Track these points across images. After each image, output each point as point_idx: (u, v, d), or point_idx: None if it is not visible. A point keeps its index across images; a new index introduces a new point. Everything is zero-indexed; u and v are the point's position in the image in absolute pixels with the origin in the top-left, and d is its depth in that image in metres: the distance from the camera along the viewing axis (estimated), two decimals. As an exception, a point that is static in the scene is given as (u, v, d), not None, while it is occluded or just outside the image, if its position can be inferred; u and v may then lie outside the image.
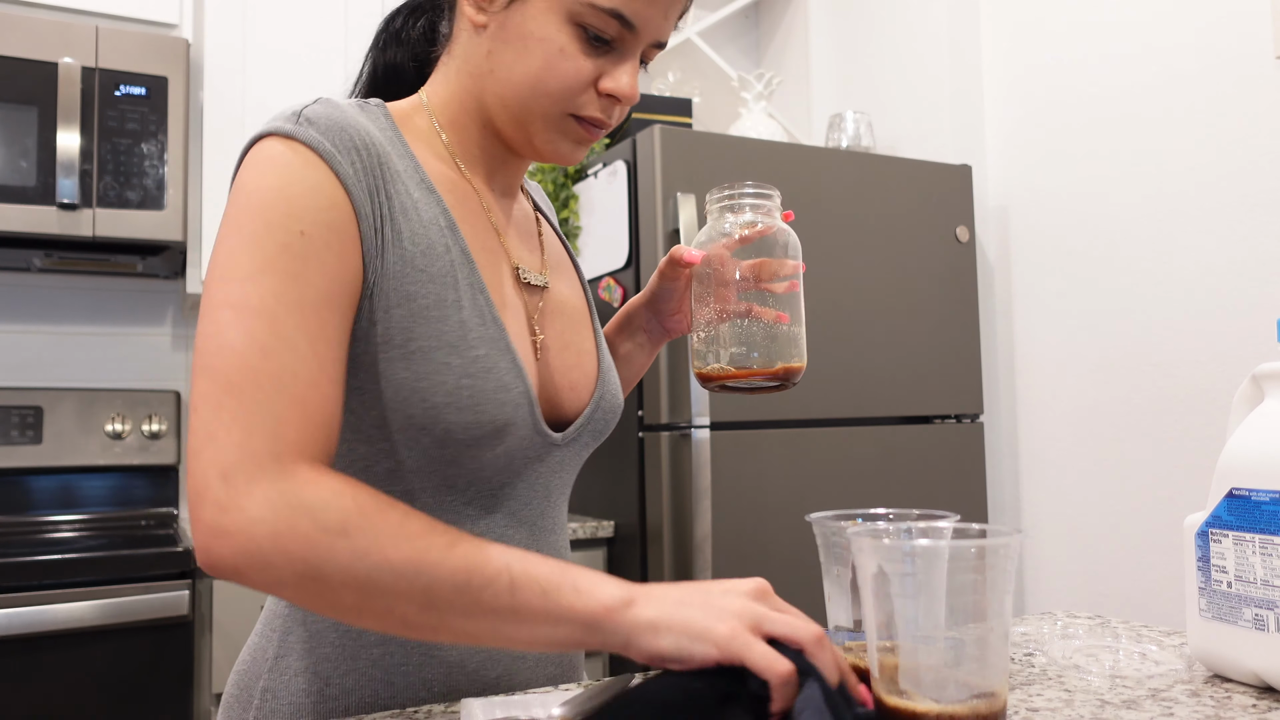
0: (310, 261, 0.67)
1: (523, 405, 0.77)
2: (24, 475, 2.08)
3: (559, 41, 0.75)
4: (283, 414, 0.63)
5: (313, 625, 0.76)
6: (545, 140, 0.79)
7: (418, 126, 0.83)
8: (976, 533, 0.64)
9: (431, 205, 0.77)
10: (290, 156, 0.69)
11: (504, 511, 0.80)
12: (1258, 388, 0.77)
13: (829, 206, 2.10)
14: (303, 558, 0.60)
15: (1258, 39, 1.89)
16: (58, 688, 1.58)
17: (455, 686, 0.77)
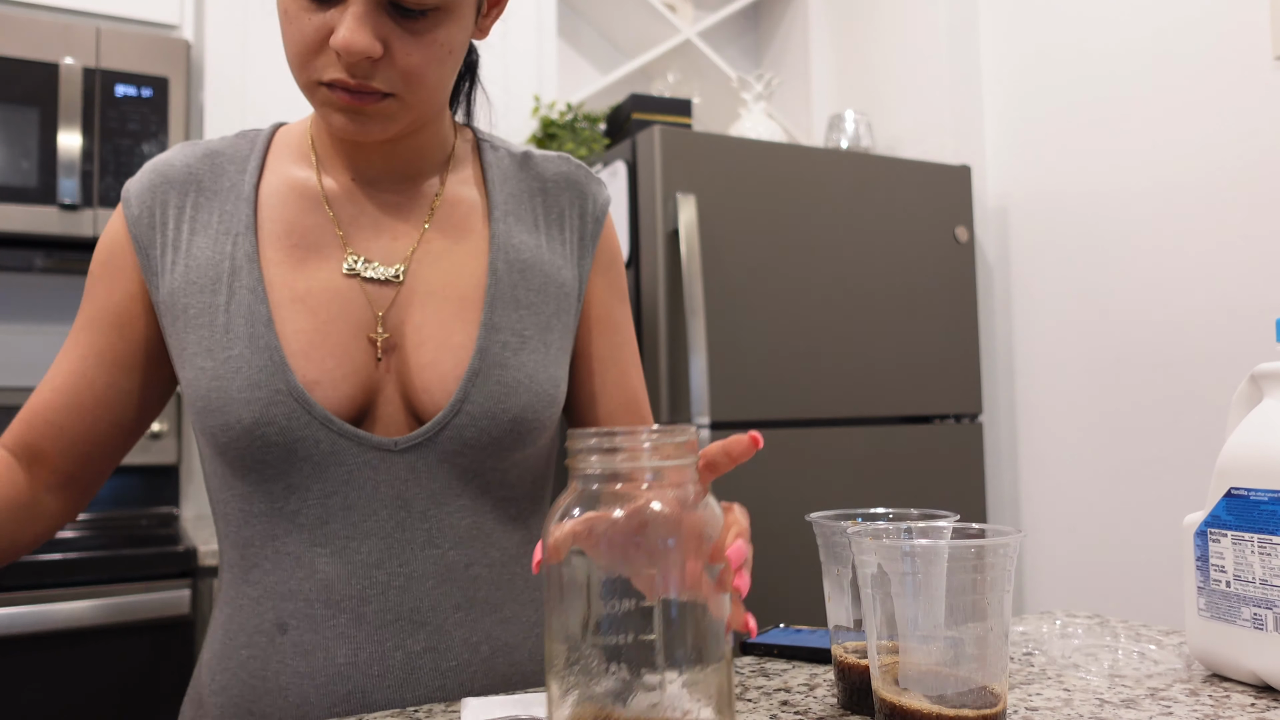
0: (86, 299, 0.83)
1: (283, 404, 0.75)
2: (25, 475, 2.08)
3: (284, 5, 0.74)
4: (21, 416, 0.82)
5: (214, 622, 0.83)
6: (321, 114, 0.76)
7: (294, 134, 0.86)
8: (976, 533, 0.64)
9: (234, 217, 0.80)
10: (117, 210, 0.84)
11: (340, 521, 0.77)
12: (1256, 388, 0.77)
13: (829, 207, 2.10)
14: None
15: (1257, 39, 1.89)
16: (58, 688, 1.58)
17: (308, 698, 0.76)
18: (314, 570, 0.77)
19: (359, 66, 0.72)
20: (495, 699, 0.71)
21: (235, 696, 0.77)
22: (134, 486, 2.17)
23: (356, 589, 0.77)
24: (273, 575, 0.77)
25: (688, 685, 0.50)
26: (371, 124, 0.76)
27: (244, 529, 0.79)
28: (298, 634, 0.76)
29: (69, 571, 1.59)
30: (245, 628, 0.78)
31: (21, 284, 2.20)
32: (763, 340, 2.00)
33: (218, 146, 0.84)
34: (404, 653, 0.77)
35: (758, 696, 0.75)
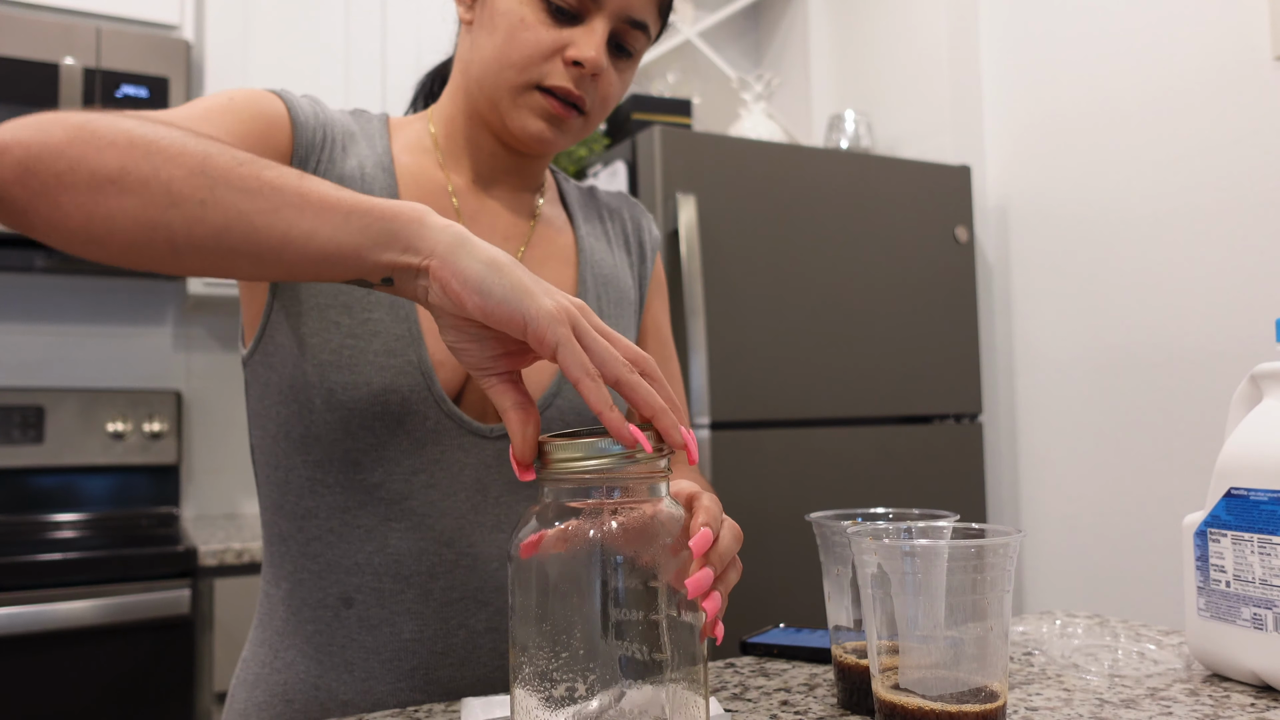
0: (227, 109, 0.72)
1: (411, 375, 0.76)
2: (25, 475, 2.08)
3: (520, 13, 0.78)
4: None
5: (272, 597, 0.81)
6: (514, 118, 0.80)
7: (410, 128, 0.88)
8: (976, 532, 0.64)
9: (380, 179, 0.81)
10: (257, 88, 0.77)
11: (421, 499, 0.78)
12: (1256, 388, 0.77)
13: (829, 207, 2.11)
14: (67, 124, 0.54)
15: (1257, 40, 1.89)
16: (58, 688, 1.58)
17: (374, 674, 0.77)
18: (385, 544, 0.77)
19: (585, 81, 0.80)
20: (495, 699, 0.71)
21: (302, 672, 0.77)
22: (134, 486, 2.17)
23: (426, 565, 0.78)
24: (337, 548, 0.77)
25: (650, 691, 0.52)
26: (562, 135, 0.82)
27: (307, 499, 0.78)
28: (364, 608, 0.77)
29: (69, 571, 1.59)
30: (309, 601, 0.78)
31: (21, 284, 2.20)
32: (763, 340, 2.00)
33: (336, 113, 0.83)
34: (467, 631, 0.79)
35: (758, 696, 0.75)
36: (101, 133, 0.54)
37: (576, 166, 2.23)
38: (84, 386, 2.19)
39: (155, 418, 2.20)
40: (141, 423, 2.18)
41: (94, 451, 2.13)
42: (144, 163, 0.53)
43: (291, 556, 0.79)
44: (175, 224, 0.54)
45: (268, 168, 0.55)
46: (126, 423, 2.17)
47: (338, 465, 0.77)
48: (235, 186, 0.54)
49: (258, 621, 0.82)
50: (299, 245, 0.54)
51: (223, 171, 0.54)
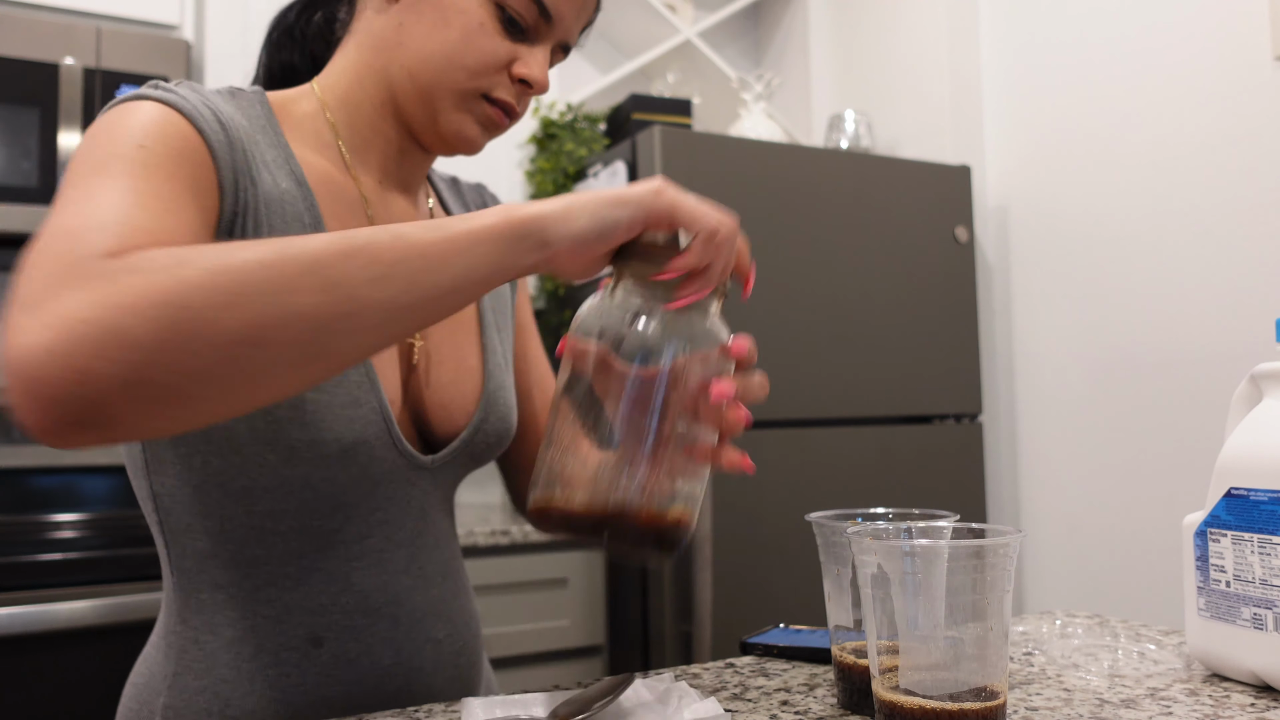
0: (151, 170, 0.59)
1: (375, 423, 0.73)
2: (24, 475, 2.08)
3: (479, 16, 0.73)
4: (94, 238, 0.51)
5: (207, 645, 0.74)
6: (451, 120, 0.76)
7: (300, 112, 0.78)
8: (976, 532, 0.64)
9: (298, 200, 0.72)
10: (149, 106, 0.64)
11: (379, 535, 0.77)
12: (1256, 388, 0.77)
13: (829, 207, 2.10)
14: (151, 302, 0.47)
15: (1257, 40, 1.89)
16: (57, 688, 1.58)
17: (355, 702, 0.76)
18: (349, 584, 0.76)
19: (523, 97, 0.78)
20: (495, 699, 0.71)
21: (271, 716, 0.74)
22: (134, 486, 2.18)
23: (390, 595, 0.78)
24: (296, 592, 0.74)
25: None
26: (490, 140, 0.79)
27: (253, 547, 0.73)
28: (337, 644, 0.76)
29: (69, 572, 1.59)
30: (267, 646, 0.74)
31: (21, 284, 2.20)
32: (763, 340, 1.99)
33: (228, 105, 0.71)
34: (431, 644, 0.81)
35: (758, 696, 0.75)
36: (194, 302, 0.48)
37: (576, 167, 2.23)
38: (84, 387, 2.19)
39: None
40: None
41: (94, 451, 2.13)
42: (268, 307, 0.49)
43: (236, 603, 0.74)
44: (330, 330, 0.52)
45: (370, 243, 0.53)
46: (126, 423, 2.17)
47: (292, 515, 0.73)
48: (365, 279, 0.52)
49: (176, 675, 0.74)
50: (450, 299, 0.55)
51: (344, 273, 0.51)
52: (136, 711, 0.76)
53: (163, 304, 0.47)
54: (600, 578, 2.02)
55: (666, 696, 0.71)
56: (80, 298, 0.47)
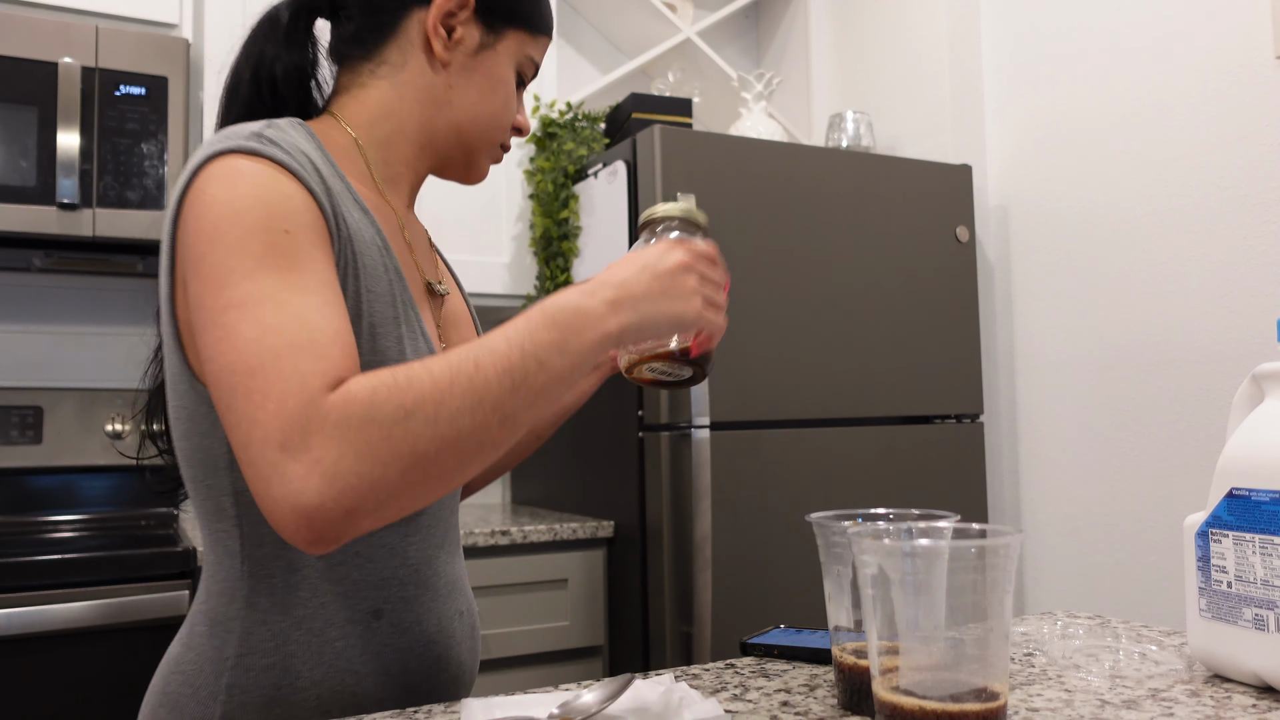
0: (300, 256, 0.70)
1: None
2: (24, 475, 2.08)
3: (511, 83, 0.90)
4: (310, 369, 0.64)
5: (276, 625, 0.79)
6: (482, 165, 0.92)
7: (337, 144, 0.85)
8: (976, 533, 0.64)
9: (368, 225, 0.80)
10: (259, 169, 0.71)
11: (426, 511, 0.87)
12: (1258, 388, 0.77)
13: (829, 206, 2.10)
14: (396, 454, 0.63)
15: (1258, 39, 1.89)
16: (58, 688, 1.57)
17: (408, 668, 0.84)
18: (406, 558, 0.84)
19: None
20: (495, 699, 0.71)
21: (336, 686, 0.80)
22: (134, 486, 2.17)
23: (432, 567, 0.87)
24: (364, 569, 0.82)
25: None
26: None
27: None
28: (394, 615, 0.83)
29: (68, 571, 1.59)
30: (335, 621, 0.80)
31: (20, 284, 2.20)
32: (762, 340, 1.99)
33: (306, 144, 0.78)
34: (458, 615, 0.90)
35: (758, 697, 0.75)
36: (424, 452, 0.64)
37: (576, 166, 2.23)
38: (83, 386, 2.19)
39: (154, 418, 2.19)
40: (141, 423, 2.18)
41: (93, 452, 2.13)
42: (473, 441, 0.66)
43: (309, 584, 0.80)
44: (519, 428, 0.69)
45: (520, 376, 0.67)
46: (125, 423, 2.16)
47: None
48: (525, 403, 0.68)
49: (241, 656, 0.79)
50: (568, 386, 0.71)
51: (514, 404, 0.67)
52: (191, 696, 0.79)
53: (406, 456, 0.63)
54: (600, 578, 2.02)
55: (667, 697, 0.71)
56: (337, 451, 0.61)
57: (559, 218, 2.23)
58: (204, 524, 0.82)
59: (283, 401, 0.62)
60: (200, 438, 0.80)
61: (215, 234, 0.68)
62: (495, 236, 2.32)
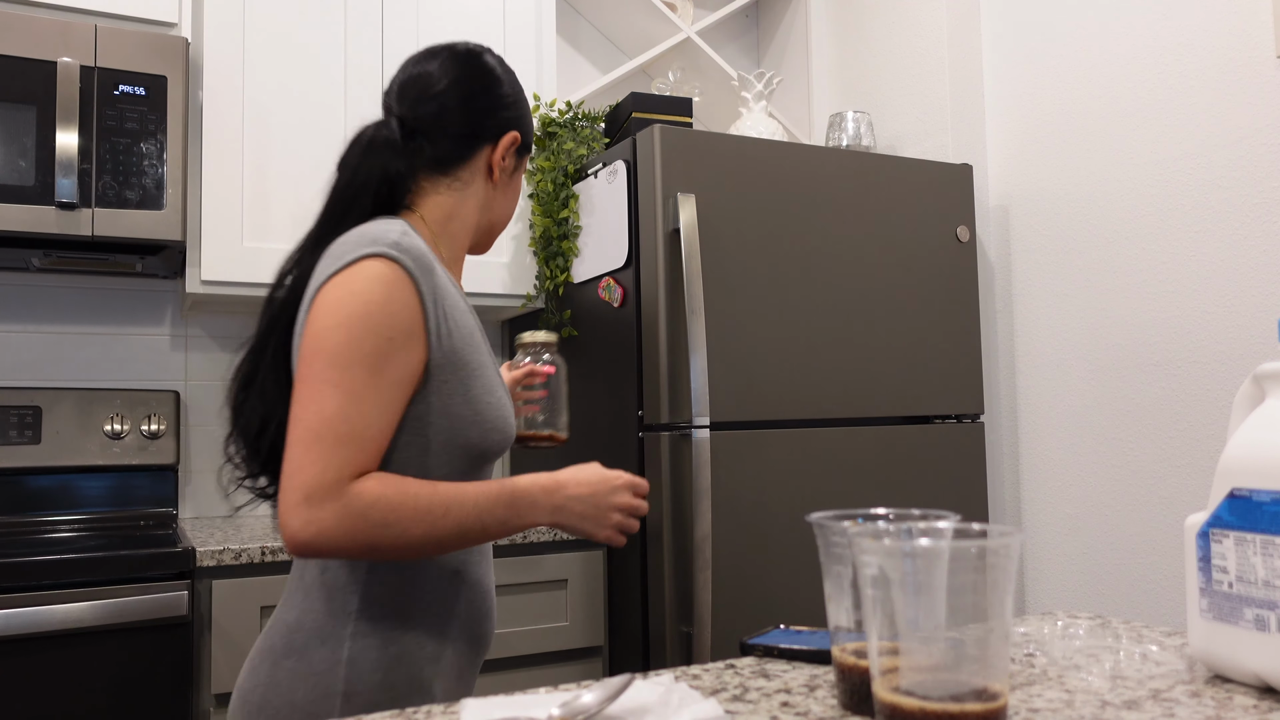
0: (390, 359, 0.99)
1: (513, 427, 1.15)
2: (23, 475, 2.08)
3: (522, 174, 1.26)
4: (349, 457, 0.95)
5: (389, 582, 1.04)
6: (489, 243, 1.26)
7: (425, 237, 1.13)
8: (977, 533, 0.64)
9: (458, 294, 1.10)
10: (392, 277, 1.00)
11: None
12: (1259, 388, 0.77)
13: (829, 206, 2.10)
14: (364, 544, 0.95)
15: (1258, 39, 1.89)
16: (57, 688, 1.57)
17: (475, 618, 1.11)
18: None
19: None
20: (495, 699, 0.71)
21: (431, 629, 1.06)
22: (132, 487, 2.17)
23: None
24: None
25: None
26: None
27: None
28: (468, 574, 1.10)
29: (67, 572, 1.59)
30: (431, 577, 1.07)
31: (18, 283, 2.20)
32: (763, 340, 1.99)
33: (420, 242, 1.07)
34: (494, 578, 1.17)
35: (758, 697, 0.75)
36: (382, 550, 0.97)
37: (576, 166, 2.23)
38: (82, 386, 2.19)
39: (153, 418, 2.19)
40: (140, 423, 2.18)
41: (92, 452, 2.13)
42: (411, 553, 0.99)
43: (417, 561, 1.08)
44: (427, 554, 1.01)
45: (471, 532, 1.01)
46: (124, 423, 2.16)
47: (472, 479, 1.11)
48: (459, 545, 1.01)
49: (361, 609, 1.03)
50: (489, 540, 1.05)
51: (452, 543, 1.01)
52: (319, 644, 1.02)
53: (369, 546, 0.96)
54: (601, 578, 2.02)
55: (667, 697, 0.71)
56: (332, 523, 0.94)
57: (559, 217, 2.23)
58: None
59: (323, 471, 0.94)
60: None
61: (346, 321, 0.97)
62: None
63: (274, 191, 2.10)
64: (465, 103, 1.14)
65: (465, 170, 1.15)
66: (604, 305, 2.08)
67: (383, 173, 1.10)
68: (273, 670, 1.02)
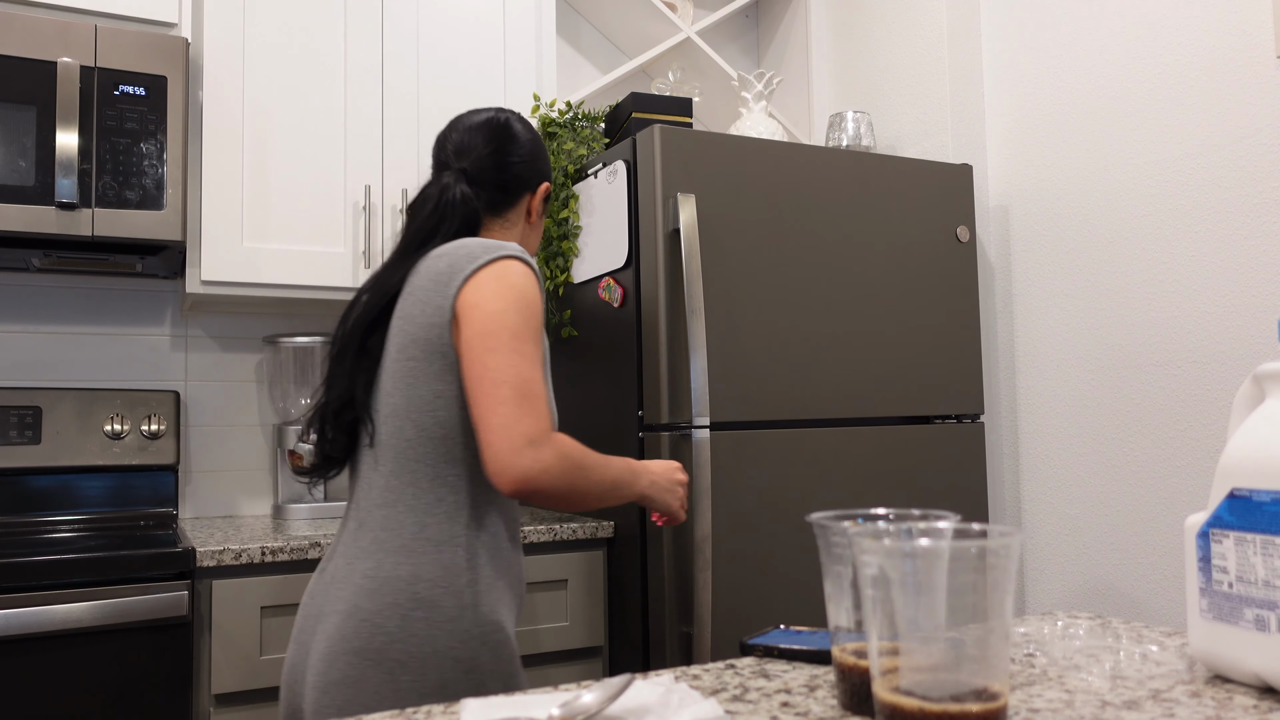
0: (539, 340, 1.25)
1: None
2: (23, 475, 2.08)
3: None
4: (543, 412, 1.19)
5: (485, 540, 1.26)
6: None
7: None
8: (977, 533, 0.64)
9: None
10: (531, 276, 1.27)
11: None
12: (1259, 388, 0.77)
13: (829, 206, 2.10)
14: (567, 484, 1.19)
15: (1258, 39, 1.89)
16: (57, 688, 1.57)
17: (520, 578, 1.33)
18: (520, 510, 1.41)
19: None
20: (495, 699, 0.71)
21: (511, 580, 1.28)
22: (132, 487, 2.17)
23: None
24: (511, 510, 1.33)
25: None
26: None
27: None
28: (519, 537, 1.33)
29: (66, 572, 1.59)
30: (505, 539, 1.29)
31: (18, 283, 2.20)
32: (763, 340, 1.99)
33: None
34: None
35: (758, 698, 0.75)
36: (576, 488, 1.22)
37: (576, 166, 2.23)
38: (82, 386, 2.19)
39: (153, 418, 2.19)
40: (140, 423, 2.18)
41: (92, 452, 2.13)
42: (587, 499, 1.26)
43: (493, 513, 1.28)
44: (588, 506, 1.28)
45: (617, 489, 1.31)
46: (124, 423, 2.16)
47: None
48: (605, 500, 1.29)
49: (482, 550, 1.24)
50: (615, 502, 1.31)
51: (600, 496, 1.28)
52: (446, 593, 1.19)
53: (568, 484, 1.21)
54: (600, 578, 2.02)
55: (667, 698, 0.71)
56: (552, 461, 1.17)
57: (559, 217, 2.23)
58: (427, 473, 1.23)
59: (538, 421, 1.17)
60: (448, 419, 1.23)
61: (517, 304, 1.21)
62: (495, 236, 2.32)
63: (274, 191, 2.10)
64: (516, 163, 1.43)
65: (513, 213, 1.44)
66: (604, 305, 2.08)
67: (464, 208, 1.36)
68: (404, 623, 1.16)
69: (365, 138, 2.19)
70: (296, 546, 1.77)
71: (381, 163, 2.21)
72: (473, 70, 2.32)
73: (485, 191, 1.40)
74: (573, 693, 0.73)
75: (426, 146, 2.26)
